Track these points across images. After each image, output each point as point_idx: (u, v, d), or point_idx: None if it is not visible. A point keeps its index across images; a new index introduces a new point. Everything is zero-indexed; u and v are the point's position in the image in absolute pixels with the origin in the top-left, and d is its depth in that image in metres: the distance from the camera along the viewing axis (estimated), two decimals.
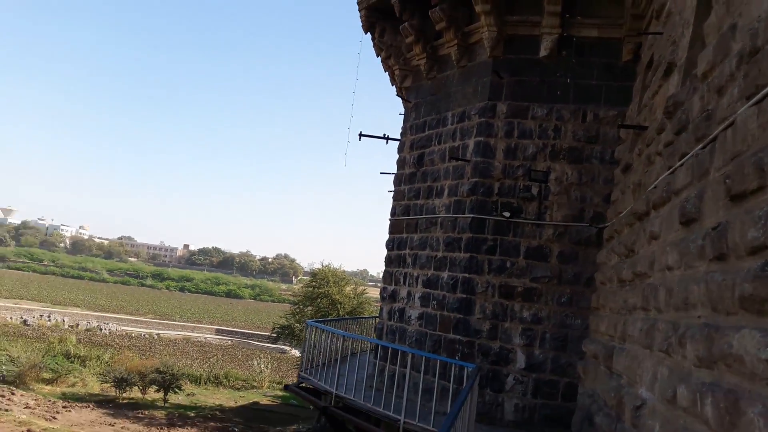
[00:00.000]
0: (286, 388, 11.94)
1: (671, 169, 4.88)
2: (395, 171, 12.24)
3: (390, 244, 11.99)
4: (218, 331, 61.16)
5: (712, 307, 3.47)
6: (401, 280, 11.44)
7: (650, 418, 4.50)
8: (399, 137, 12.17)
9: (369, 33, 11.73)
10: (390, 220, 12.07)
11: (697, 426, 3.41)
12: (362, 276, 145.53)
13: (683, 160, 4.52)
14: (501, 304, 9.79)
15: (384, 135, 11.66)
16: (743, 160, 3.25)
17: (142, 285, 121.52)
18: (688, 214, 4.20)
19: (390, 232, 12.06)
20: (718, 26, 4.40)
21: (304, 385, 10.97)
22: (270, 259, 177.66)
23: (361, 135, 11.48)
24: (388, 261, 11.96)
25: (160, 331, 57.66)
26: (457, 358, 9.78)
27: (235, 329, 62.73)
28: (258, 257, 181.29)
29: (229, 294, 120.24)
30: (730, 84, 3.72)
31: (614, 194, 9.08)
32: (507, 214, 9.66)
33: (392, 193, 12.11)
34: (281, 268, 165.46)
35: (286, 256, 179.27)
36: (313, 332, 11.01)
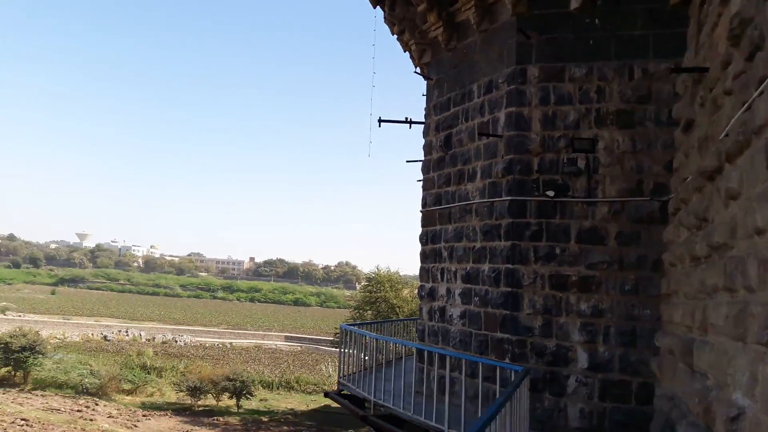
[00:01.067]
0: (326, 395, 11.27)
1: (746, 104, 3.62)
2: (422, 158, 11.14)
3: (423, 238, 10.94)
4: (287, 338, 61.94)
5: None
6: (438, 276, 10.37)
7: None
8: (423, 120, 11.05)
9: (378, 7, 10.68)
10: (421, 211, 11.00)
11: None
12: None
13: (762, 85, 3.27)
14: (553, 297, 8.53)
15: (406, 119, 10.63)
16: None
17: (214, 297, 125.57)
18: None
19: (423, 225, 11.01)
20: None
21: (344, 392, 10.27)
22: (332, 267, 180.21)
23: (380, 121, 10.50)
24: (423, 256, 10.92)
25: (232, 341, 58.97)
26: (507, 359, 8.63)
27: (303, 335, 63.38)
28: (321, 266, 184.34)
29: (296, 302, 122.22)
30: None
31: (676, 160, 7.66)
32: (551, 194, 8.39)
33: (421, 183, 11.03)
34: (344, 275, 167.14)
35: (347, 263, 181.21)
36: (350, 337, 10.25)
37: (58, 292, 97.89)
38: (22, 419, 23.02)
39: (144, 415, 26.55)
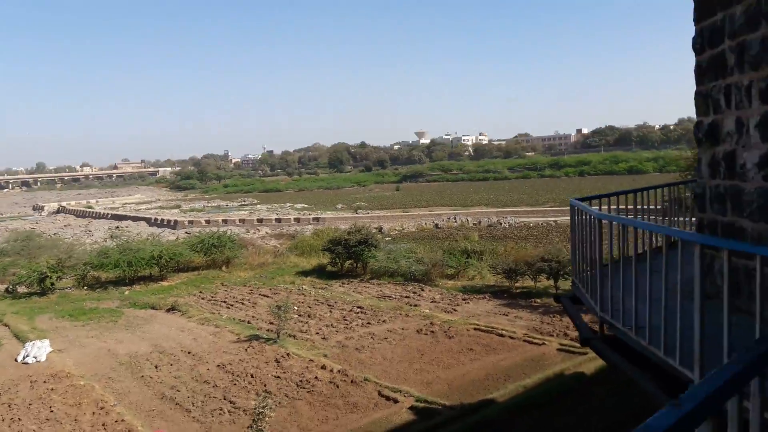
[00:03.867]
0: (557, 299, 7.92)
1: None
2: None
3: (698, 40, 5.66)
4: (619, 211, 56.00)
5: None
6: (722, 102, 5.23)
7: None
8: None
9: None
10: None
11: None
12: None
13: None
14: None
15: None
16: None
17: (542, 176, 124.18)
18: None
19: (696, 19, 5.70)
20: None
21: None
22: (672, 127, 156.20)
23: None
24: (699, 73, 5.69)
25: (556, 218, 56.60)
26: None
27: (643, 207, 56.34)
28: (657, 127, 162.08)
29: (630, 171, 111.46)
30: None
31: None
32: None
33: None
34: (686, 134, 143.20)
35: (689, 119, 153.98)
36: (581, 216, 6.66)
37: (402, 188, 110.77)
38: (358, 307, 25.47)
39: (464, 299, 26.55)
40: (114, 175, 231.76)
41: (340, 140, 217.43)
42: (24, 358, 20.34)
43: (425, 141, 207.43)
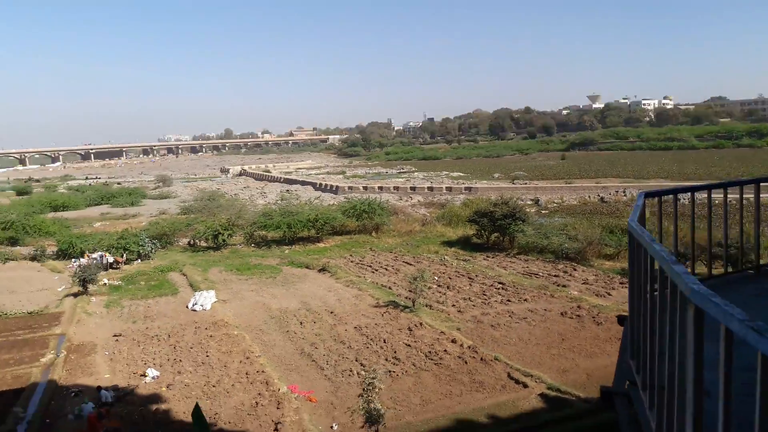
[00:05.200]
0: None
1: None
2: None
3: None
4: None
5: None
6: None
7: None
8: None
9: None
10: None
11: None
12: None
13: None
14: None
15: None
16: None
17: (738, 146, 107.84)
18: None
19: None
20: None
21: None
22: None
23: None
24: None
25: (749, 196, 48.78)
26: None
27: None
28: None
29: None
30: None
31: None
32: None
33: None
34: None
35: None
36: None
37: (568, 157, 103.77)
38: (499, 283, 24.43)
39: (621, 283, 24.12)
40: (290, 142, 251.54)
41: (503, 106, 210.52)
42: (193, 305, 22.96)
43: (598, 105, 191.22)
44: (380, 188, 65.41)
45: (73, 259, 31.82)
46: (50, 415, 13.97)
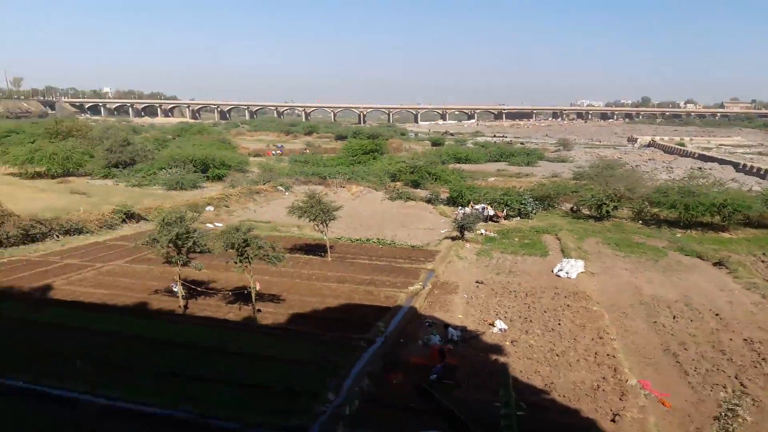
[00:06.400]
0: None
1: None
2: None
3: None
4: None
5: None
6: None
7: None
8: None
9: None
10: None
11: None
12: None
13: None
14: None
15: None
16: None
17: None
18: None
19: None
20: None
21: None
22: None
23: None
24: None
25: None
26: None
27: None
28: None
29: None
30: None
31: None
32: None
33: None
34: None
35: None
36: None
37: None
38: None
39: None
40: (718, 114, 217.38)
41: None
42: (558, 271, 22.50)
43: None
44: None
45: (459, 207, 35.45)
46: (404, 336, 15.98)
